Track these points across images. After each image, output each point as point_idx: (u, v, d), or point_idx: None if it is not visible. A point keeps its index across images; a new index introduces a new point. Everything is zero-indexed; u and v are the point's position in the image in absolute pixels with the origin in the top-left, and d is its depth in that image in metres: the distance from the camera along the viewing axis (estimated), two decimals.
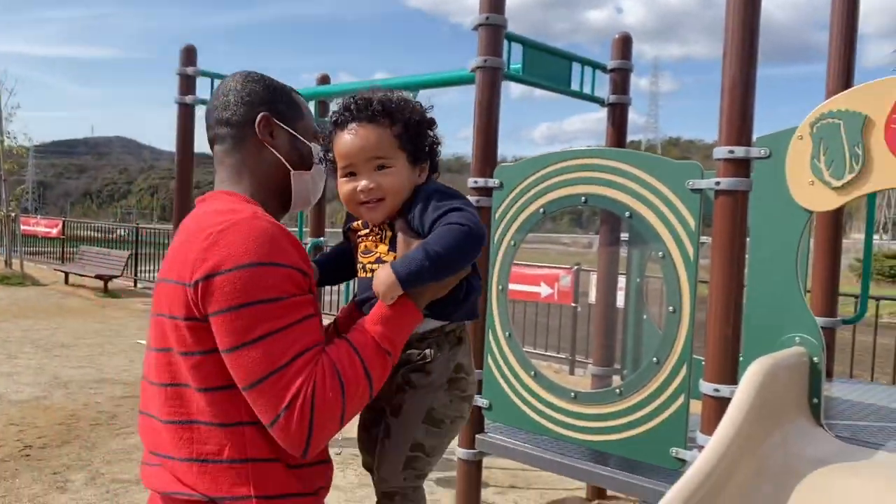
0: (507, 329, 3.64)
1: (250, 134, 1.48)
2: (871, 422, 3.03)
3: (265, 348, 1.23)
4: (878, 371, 7.20)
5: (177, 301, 1.29)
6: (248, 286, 1.23)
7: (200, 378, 1.30)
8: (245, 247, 1.25)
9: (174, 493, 1.33)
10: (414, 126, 1.51)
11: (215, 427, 1.30)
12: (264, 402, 1.24)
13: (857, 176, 2.61)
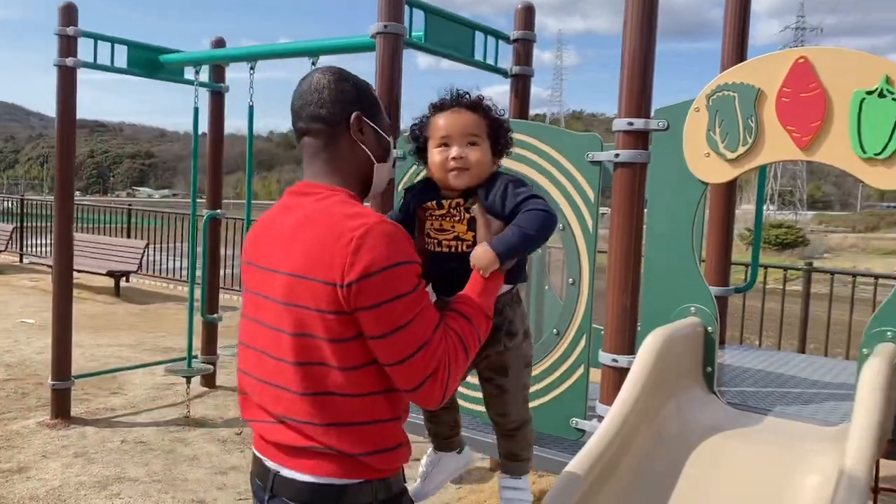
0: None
1: (343, 130, 1.66)
2: (759, 387, 3.14)
3: (412, 331, 1.50)
4: (766, 335, 7.58)
5: (325, 298, 1.50)
6: (393, 284, 1.48)
7: (343, 359, 1.53)
8: (386, 251, 1.49)
9: (307, 447, 1.57)
10: (499, 124, 1.84)
11: (351, 398, 1.54)
12: (412, 374, 1.51)
13: (750, 148, 2.66)
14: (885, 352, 2.40)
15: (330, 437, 1.55)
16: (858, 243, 50.12)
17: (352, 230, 1.49)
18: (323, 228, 1.54)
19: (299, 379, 1.56)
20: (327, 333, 1.52)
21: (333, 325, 1.51)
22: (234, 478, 4.47)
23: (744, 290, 4.42)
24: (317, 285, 1.50)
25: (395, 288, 1.49)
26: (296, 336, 1.55)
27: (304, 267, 1.53)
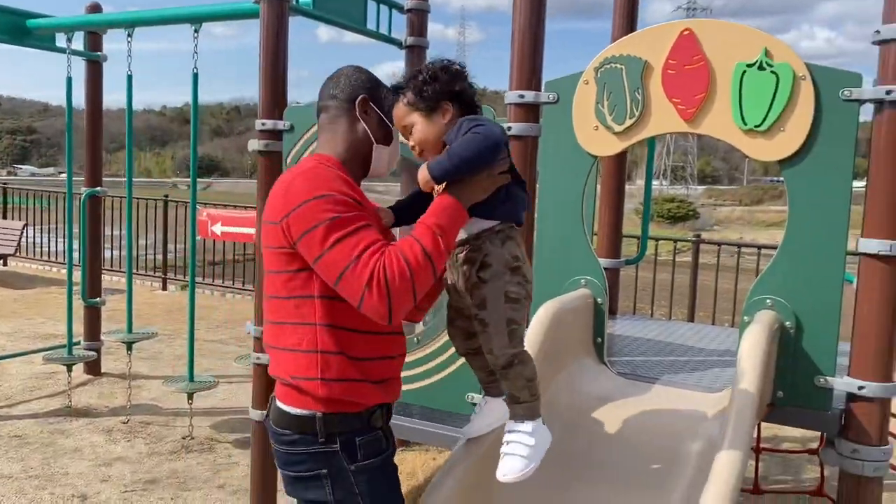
0: None
1: (350, 109, 1.90)
2: (648, 356, 3.20)
3: (339, 251, 1.64)
4: (659, 305, 7.84)
5: (273, 235, 1.76)
6: (313, 214, 1.67)
7: (288, 290, 1.78)
8: (307, 187, 1.70)
9: (275, 376, 1.86)
10: (419, 87, 1.86)
11: (296, 325, 1.78)
12: (350, 289, 1.65)
13: (637, 121, 2.67)
14: (765, 319, 2.47)
15: (283, 362, 1.81)
16: (745, 216, 52.87)
17: (288, 176, 1.77)
18: (277, 182, 1.80)
19: (268, 310, 1.85)
20: (277, 266, 1.79)
21: (281, 258, 1.76)
22: (120, 469, 4.24)
23: (634, 262, 4.52)
24: (269, 226, 1.77)
25: (314, 217, 1.67)
26: (267, 272, 1.83)
27: (265, 213, 1.79)
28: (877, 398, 2.42)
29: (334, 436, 1.79)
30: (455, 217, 1.75)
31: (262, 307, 1.98)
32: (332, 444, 1.79)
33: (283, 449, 1.84)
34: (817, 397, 2.51)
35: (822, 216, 2.46)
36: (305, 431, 1.79)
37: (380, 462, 1.83)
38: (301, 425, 1.79)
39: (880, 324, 2.41)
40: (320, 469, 1.80)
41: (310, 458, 1.81)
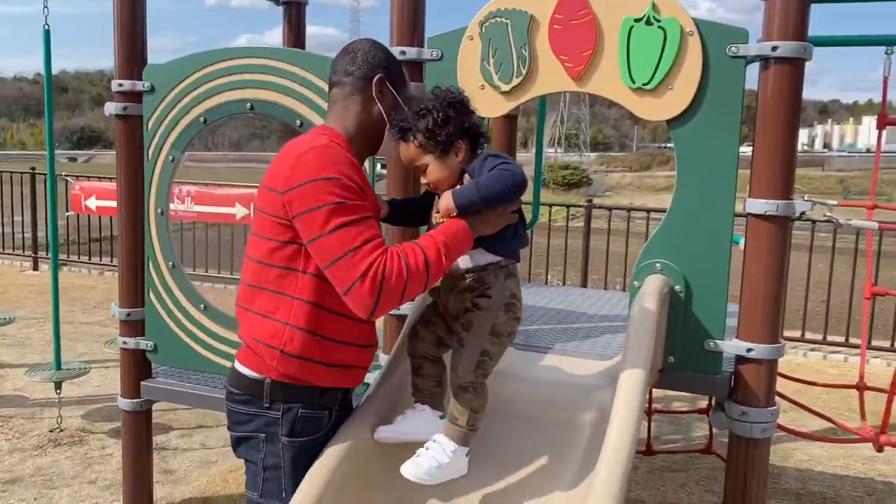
0: (170, 259, 3.16)
1: (366, 88, 1.90)
2: (541, 325, 3.11)
3: (339, 237, 1.66)
4: (554, 270, 7.89)
5: (270, 203, 1.75)
6: (318, 195, 1.67)
7: (274, 258, 1.80)
8: (316, 166, 1.70)
9: (240, 337, 1.92)
10: (431, 130, 1.89)
11: (275, 294, 1.82)
12: (341, 276, 1.68)
13: (525, 79, 2.54)
14: (654, 284, 2.41)
15: (255, 325, 1.85)
16: (635, 181, 54.67)
17: (298, 148, 1.76)
18: (287, 149, 1.80)
19: (248, 272, 1.87)
20: (267, 233, 1.79)
21: (274, 226, 1.77)
22: None
23: (528, 228, 4.43)
24: (269, 192, 1.77)
25: (319, 198, 1.68)
26: (254, 235, 1.84)
27: (266, 178, 1.79)
28: (764, 360, 2.41)
29: (278, 403, 1.84)
30: (463, 243, 1.83)
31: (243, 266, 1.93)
32: (275, 411, 1.84)
33: (234, 407, 1.92)
34: (707, 361, 2.48)
35: (710, 177, 2.40)
36: (254, 394, 1.85)
37: (310, 443, 1.86)
38: (251, 387, 1.86)
39: (767, 285, 2.39)
40: (259, 432, 1.86)
41: (253, 419, 1.87)
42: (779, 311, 2.42)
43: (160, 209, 3.14)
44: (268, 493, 1.88)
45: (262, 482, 1.88)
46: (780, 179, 2.34)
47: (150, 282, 3.19)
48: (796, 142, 2.35)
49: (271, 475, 1.87)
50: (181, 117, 3.04)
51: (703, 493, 3.89)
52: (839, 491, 3.95)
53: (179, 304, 3.15)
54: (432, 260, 1.72)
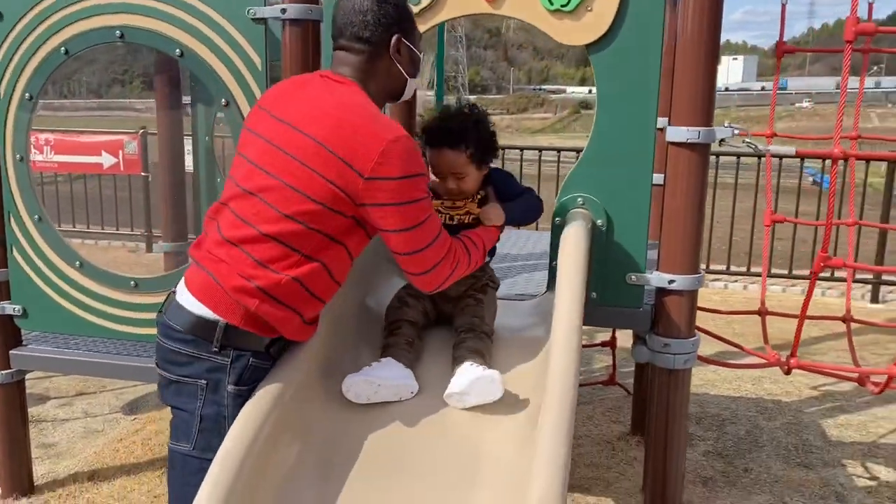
0: (35, 212, 2.78)
1: (384, 52, 1.84)
2: None
3: (426, 229, 1.77)
4: None
5: (339, 174, 1.67)
6: (410, 190, 1.71)
7: (301, 215, 1.69)
8: (409, 162, 1.70)
9: (207, 268, 1.78)
10: (483, 145, 2.12)
11: (285, 247, 1.72)
12: (423, 262, 1.80)
13: (434, 2, 2.35)
14: (579, 216, 2.32)
15: (224, 257, 1.73)
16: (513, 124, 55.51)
17: (385, 134, 1.67)
18: (359, 118, 1.70)
19: (254, 213, 1.71)
20: (306, 190, 1.67)
21: (331, 195, 1.67)
22: None
23: None
24: (338, 162, 1.66)
25: (411, 194, 1.70)
26: (283, 184, 1.69)
27: (332, 141, 1.67)
28: (686, 291, 2.39)
29: (229, 349, 1.72)
30: (493, 242, 2.15)
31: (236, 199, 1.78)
32: (223, 357, 1.72)
33: (171, 346, 1.76)
34: (629, 295, 2.43)
35: (630, 105, 2.32)
36: (201, 335, 1.72)
37: (250, 390, 1.73)
38: (200, 327, 1.72)
39: (687, 214, 2.36)
40: (199, 378, 1.73)
41: (194, 363, 1.73)
42: (699, 242, 2.40)
43: (19, 155, 2.75)
44: (204, 446, 1.71)
45: (198, 433, 1.72)
46: (699, 106, 2.29)
47: (13, 238, 2.81)
48: (716, 68, 2.30)
49: (209, 426, 1.72)
50: (37, 48, 2.65)
51: (609, 424, 3.96)
52: (735, 412, 4.13)
53: (50, 262, 2.80)
54: (479, 255, 2.01)
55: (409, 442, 1.79)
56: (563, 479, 1.41)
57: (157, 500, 3.09)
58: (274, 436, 1.66)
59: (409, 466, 1.73)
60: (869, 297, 6.48)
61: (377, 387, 1.86)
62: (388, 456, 1.76)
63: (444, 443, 1.78)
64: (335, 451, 1.77)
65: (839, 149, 2.54)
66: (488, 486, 1.64)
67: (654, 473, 2.55)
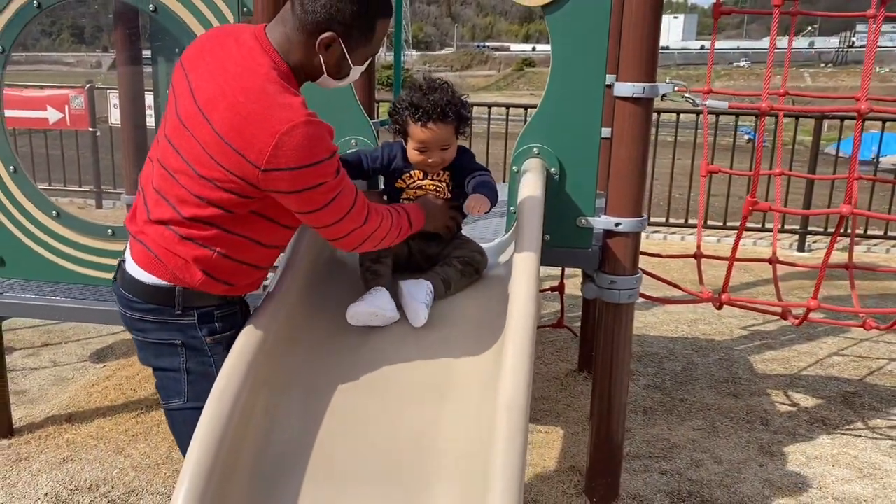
0: (10, 162, 2.86)
1: (314, 34, 1.71)
2: None
3: (334, 208, 1.73)
4: None
5: (237, 166, 1.65)
6: (312, 178, 1.66)
7: (217, 200, 1.69)
8: (307, 152, 1.63)
9: (146, 242, 1.80)
10: (465, 118, 2.23)
11: (208, 225, 1.73)
12: (334, 233, 1.80)
13: None
14: (534, 166, 2.53)
15: (155, 236, 1.76)
16: (457, 81, 54.79)
17: (278, 125, 1.60)
18: (254, 104, 1.63)
19: (176, 195, 1.72)
20: (219, 181, 1.67)
21: (232, 180, 1.66)
22: None
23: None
24: (234, 153, 1.63)
25: (311, 180, 1.65)
26: (196, 175, 1.69)
27: (227, 132, 1.63)
28: (630, 233, 2.64)
29: (192, 309, 1.79)
30: (410, 231, 2.07)
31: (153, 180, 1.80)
32: (189, 317, 1.79)
33: (135, 315, 1.82)
34: (579, 237, 2.67)
35: (582, 62, 2.52)
36: (161, 303, 1.78)
37: (232, 335, 1.83)
38: (159, 295, 1.78)
39: (632, 163, 2.59)
40: (174, 339, 1.80)
41: (163, 327, 1.80)
42: (643, 188, 2.64)
43: None
44: (197, 396, 1.79)
45: (188, 385, 1.83)
46: (644, 64, 2.51)
47: None
48: (659, 28, 2.51)
49: (198, 378, 1.82)
50: (9, 1, 2.70)
51: (558, 363, 4.25)
52: (672, 350, 4.47)
53: (26, 212, 2.89)
54: (398, 225, 1.98)
55: (386, 365, 2.00)
56: (526, 384, 1.64)
57: (134, 438, 3.25)
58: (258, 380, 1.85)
59: (386, 386, 1.94)
60: (796, 246, 6.93)
61: (374, 317, 2.07)
62: (368, 377, 1.96)
63: (419, 360, 1.99)
64: (320, 375, 1.97)
65: (767, 104, 2.80)
66: (460, 396, 1.87)
67: (601, 400, 2.82)
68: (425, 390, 1.92)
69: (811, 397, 3.87)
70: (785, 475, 3.12)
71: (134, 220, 1.84)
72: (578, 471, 3.08)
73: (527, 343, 1.75)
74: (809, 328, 4.80)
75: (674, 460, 3.20)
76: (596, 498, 2.86)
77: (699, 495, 2.95)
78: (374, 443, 1.80)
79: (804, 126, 7.63)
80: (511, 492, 1.49)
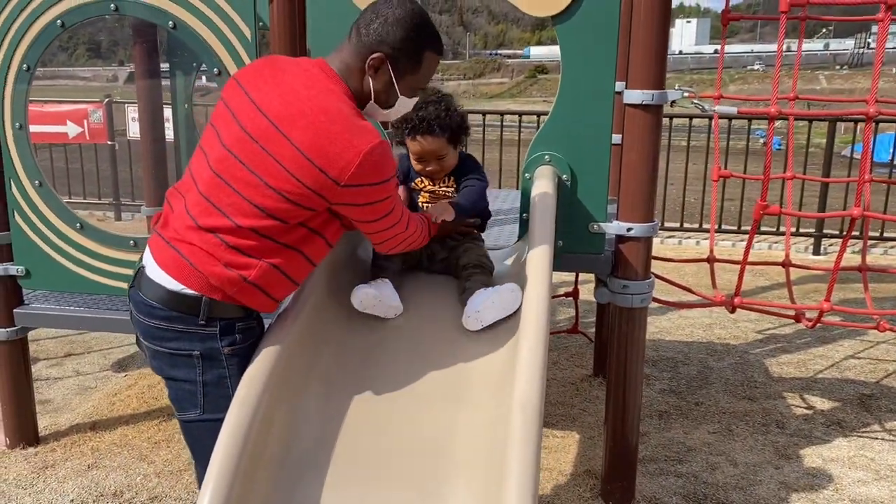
0: (35, 177, 2.94)
1: (366, 57, 1.82)
2: None
3: (392, 217, 1.90)
4: None
5: (311, 178, 1.72)
6: (381, 192, 1.80)
7: (279, 212, 1.75)
8: (381, 170, 1.76)
9: (183, 251, 1.81)
10: (457, 129, 2.35)
11: (264, 238, 1.78)
12: (385, 239, 1.97)
13: None
14: (546, 173, 2.58)
15: (197, 240, 1.77)
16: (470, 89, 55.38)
17: (361, 144, 1.71)
18: (337, 125, 1.72)
19: (231, 204, 1.76)
20: (287, 192, 1.72)
21: (302, 193, 1.73)
22: None
23: None
24: (315, 169, 1.71)
25: (382, 195, 1.80)
26: (261, 181, 1.73)
27: (310, 149, 1.71)
28: (642, 237, 2.67)
29: (215, 320, 1.80)
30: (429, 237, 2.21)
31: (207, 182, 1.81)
32: (212, 328, 1.80)
33: (155, 323, 1.81)
34: (592, 242, 2.71)
35: (592, 71, 2.56)
36: (184, 311, 1.78)
37: (250, 347, 1.86)
38: (184, 303, 1.77)
39: (643, 170, 2.63)
40: (193, 350, 1.80)
41: (182, 336, 1.80)
42: (653, 193, 2.68)
43: (18, 124, 2.90)
44: (214, 408, 1.81)
45: (204, 397, 1.83)
46: (654, 72, 2.55)
47: (15, 203, 2.97)
48: (668, 36, 2.55)
49: (214, 389, 1.83)
50: (34, 20, 2.79)
51: (573, 368, 4.28)
52: (687, 354, 4.49)
53: (51, 224, 2.96)
54: (423, 233, 2.13)
55: (403, 367, 2.04)
56: (540, 382, 1.68)
57: (157, 446, 3.32)
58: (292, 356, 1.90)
59: (403, 388, 1.98)
60: (812, 249, 6.91)
61: (378, 301, 2.13)
62: (385, 379, 2.01)
63: (435, 362, 2.03)
64: (339, 380, 2.02)
65: (776, 108, 2.83)
66: (475, 398, 1.91)
67: (616, 403, 2.85)
68: (442, 392, 1.96)
69: (827, 400, 3.87)
70: (801, 477, 3.12)
71: (167, 225, 1.84)
72: (594, 474, 3.10)
73: (540, 342, 1.79)
74: (825, 331, 4.79)
75: (689, 463, 3.22)
76: (612, 501, 2.88)
77: (715, 498, 2.96)
78: (392, 445, 1.84)
79: (819, 129, 7.62)
80: (526, 487, 1.53)
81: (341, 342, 2.13)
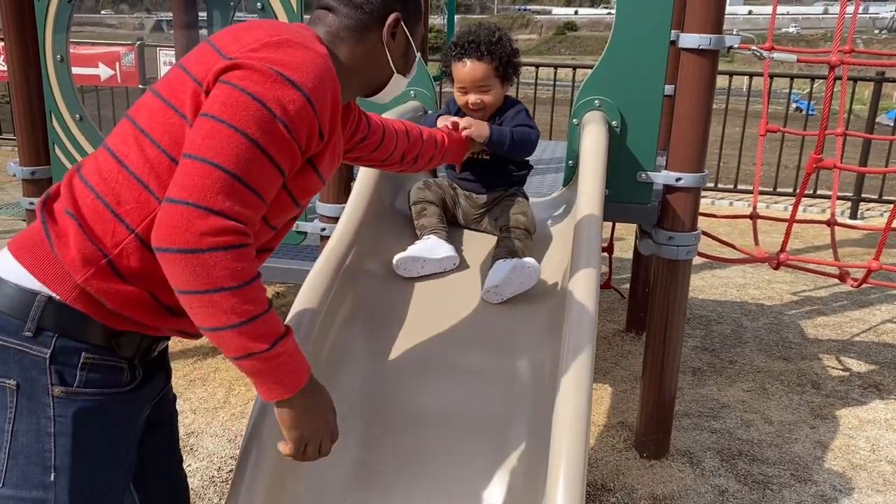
0: (76, 111, 2.92)
1: (375, 28, 1.40)
2: None
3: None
4: None
5: (201, 62, 1.23)
6: (245, 112, 1.18)
7: (168, 137, 1.22)
8: (270, 75, 1.20)
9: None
10: (506, 60, 2.20)
11: (138, 183, 1.20)
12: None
13: None
14: (597, 118, 2.51)
15: (64, 195, 1.24)
16: None
17: (282, 33, 1.28)
18: (262, 26, 1.34)
19: (124, 139, 1.28)
20: (176, 102, 1.25)
21: (191, 95, 1.26)
22: None
23: (438, 79, 4.42)
24: (213, 52, 1.29)
25: (237, 117, 1.23)
26: (155, 95, 1.31)
27: (223, 40, 1.31)
28: (692, 188, 2.61)
29: (49, 334, 1.18)
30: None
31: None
32: (41, 346, 1.18)
33: None
34: (639, 192, 2.65)
35: (647, 12, 2.48)
36: (10, 312, 1.18)
37: (105, 399, 1.22)
38: (9, 299, 1.18)
39: (696, 117, 2.55)
40: (6, 376, 1.18)
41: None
42: (705, 143, 2.61)
43: (59, 56, 2.87)
44: (18, 481, 1.19)
45: (8, 459, 1.19)
46: (712, 14, 2.45)
47: (55, 137, 2.96)
48: None
49: (25, 450, 1.19)
50: None
51: (605, 323, 4.25)
52: (721, 313, 4.44)
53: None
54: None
55: (452, 314, 2.02)
56: (591, 328, 1.65)
57: (192, 384, 3.35)
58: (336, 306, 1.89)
59: (451, 335, 1.97)
60: (849, 213, 6.78)
61: (423, 262, 2.08)
62: (433, 324, 1.99)
63: (481, 316, 2.01)
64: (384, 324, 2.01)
65: (836, 56, 2.73)
66: (525, 351, 1.89)
67: (654, 356, 2.82)
68: (492, 344, 1.94)
69: (864, 362, 3.82)
70: (837, 437, 3.09)
71: None
72: (628, 426, 3.09)
73: (591, 289, 1.75)
74: (862, 295, 4.72)
75: (724, 420, 3.20)
76: (646, 453, 2.87)
77: (750, 454, 2.94)
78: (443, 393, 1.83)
79: (857, 95, 7.42)
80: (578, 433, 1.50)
81: (384, 301, 2.09)
